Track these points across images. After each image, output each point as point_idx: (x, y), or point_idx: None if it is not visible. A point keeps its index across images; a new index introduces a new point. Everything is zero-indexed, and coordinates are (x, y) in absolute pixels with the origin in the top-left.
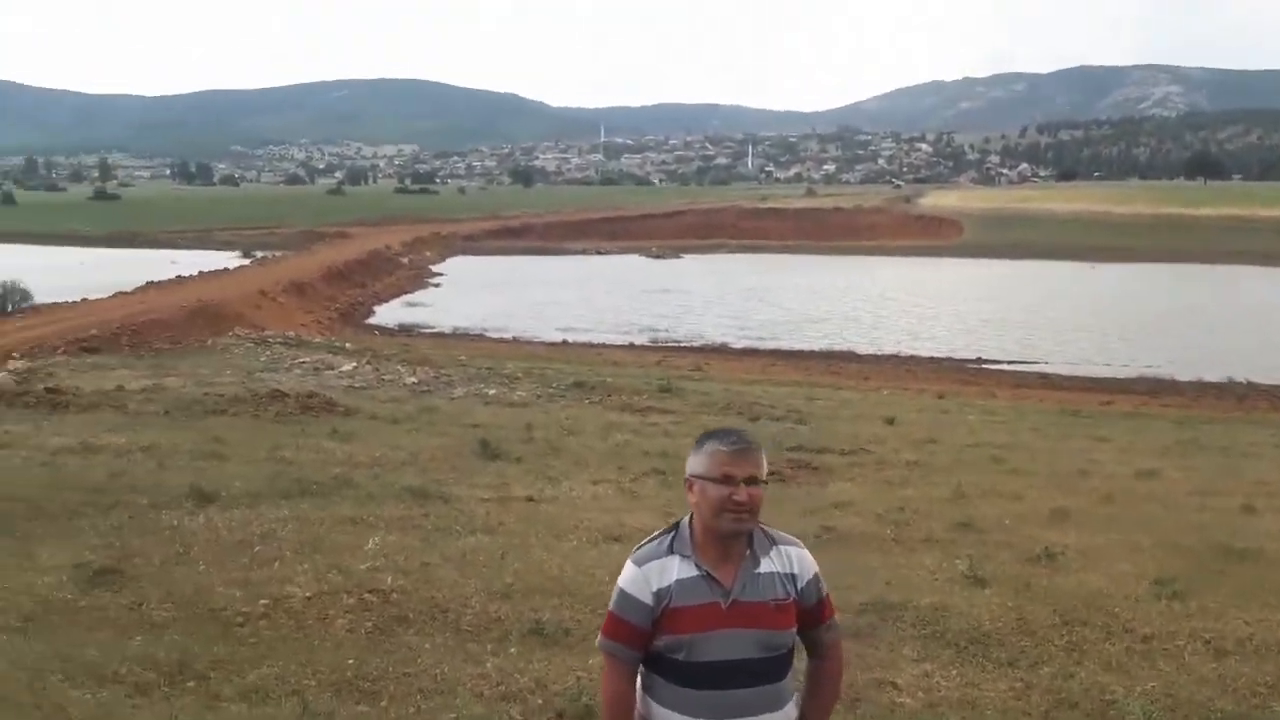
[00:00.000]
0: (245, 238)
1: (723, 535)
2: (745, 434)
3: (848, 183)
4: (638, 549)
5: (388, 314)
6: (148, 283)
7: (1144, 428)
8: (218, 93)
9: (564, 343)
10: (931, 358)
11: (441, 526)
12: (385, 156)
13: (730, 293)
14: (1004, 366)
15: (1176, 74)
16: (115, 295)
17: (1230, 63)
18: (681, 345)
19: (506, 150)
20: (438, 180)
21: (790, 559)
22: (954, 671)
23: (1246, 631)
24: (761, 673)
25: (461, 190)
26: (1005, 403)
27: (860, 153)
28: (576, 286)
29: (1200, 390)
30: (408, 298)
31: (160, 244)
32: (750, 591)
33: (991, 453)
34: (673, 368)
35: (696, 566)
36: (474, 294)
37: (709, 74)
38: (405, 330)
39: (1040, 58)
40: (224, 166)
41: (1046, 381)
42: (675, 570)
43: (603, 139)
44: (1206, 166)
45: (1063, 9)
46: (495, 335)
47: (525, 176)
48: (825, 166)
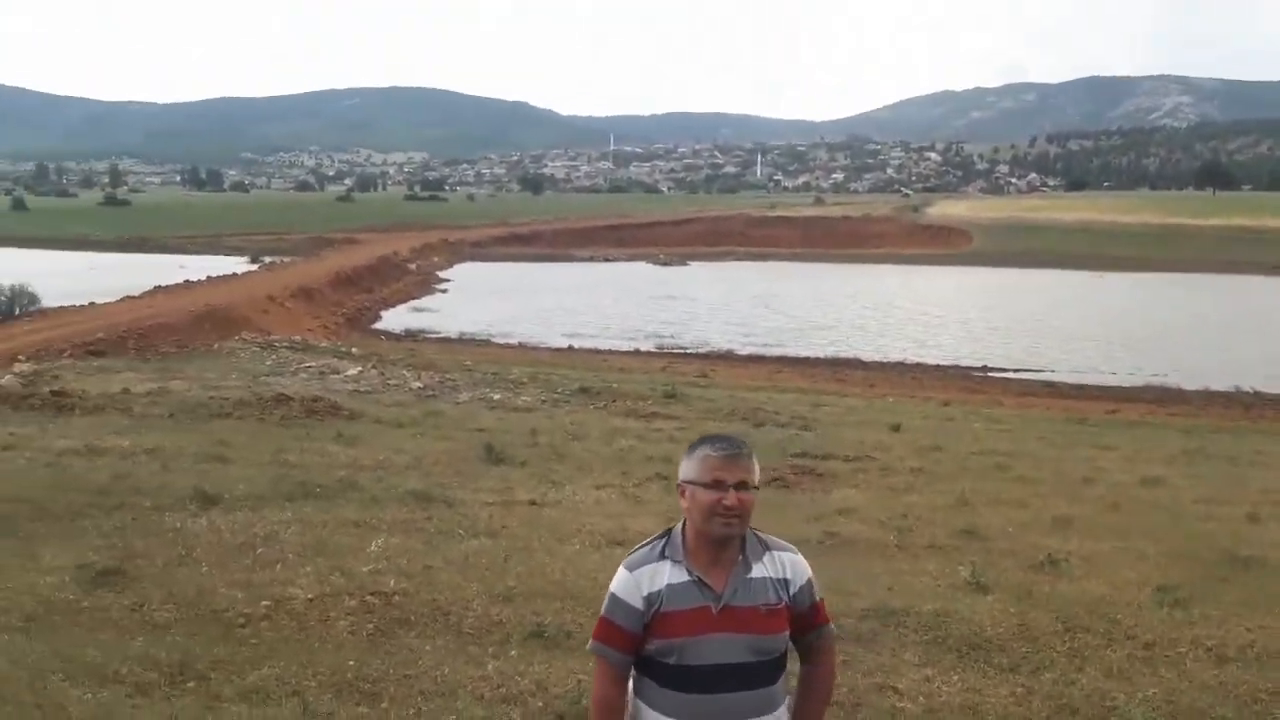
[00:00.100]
0: (254, 243)
1: (713, 540)
2: (736, 439)
3: (856, 192)
4: (630, 554)
5: (394, 319)
6: (155, 287)
7: (1150, 436)
8: (229, 100)
9: (570, 348)
10: (938, 365)
11: (444, 530)
12: (395, 164)
13: (737, 300)
14: (1010, 375)
15: (1188, 84)
16: (123, 299)
17: (1242, 73)
18: (687, 352)
19: (516, 158)
20: (447, 187)
21: (783, 564)
22: (955, 677)
23: (1248, 639)
24: (752, 677)
25: (470, 197)
26: (1011, 411)
27: (869, 162)
28: (583, 293)
29: (1207, 399)
30: (415, 303)
31: (169, 249)
32: (741, 596)
33: (996, 460)
34: (678, 374)
35: (688, 571)
36: (481, 300)
37: (718, 83)
38: (411, 335)
39: (1052, 68)
40: (234, 173)
41: (1053, 390)
42: (666, 575)
43: (612, 147)
44: (1216, 177)
45: (1075, 20)
46: (501, 341)
47: (534, 184)
48: (834, 175)
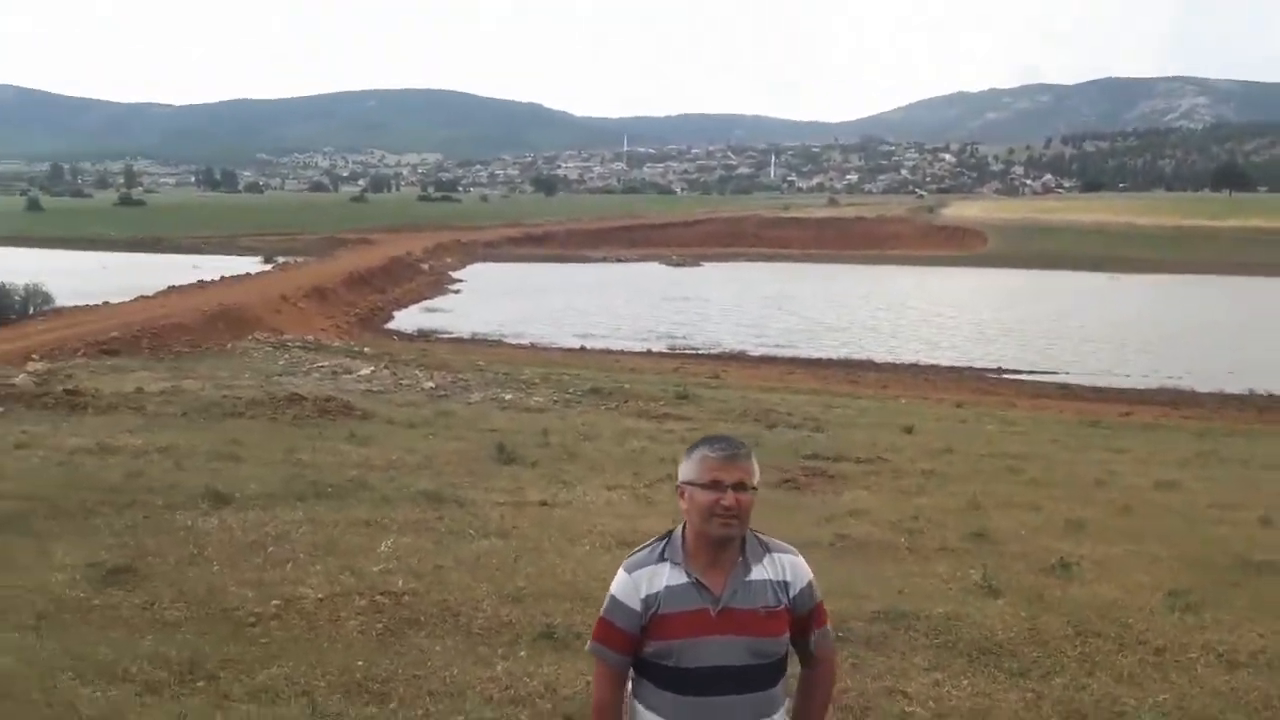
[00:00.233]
0: (268, 243)
1: (712, 541)
2: (735, 440)
3: (870, 193)
4: (630, 555)
5: (407, 319)
6: (169, 287)
7: (1164, 439)
8: (245, 102)
9: (582, 349)
10: (951, 367)
11: (455, 530)
12: (409, 165)
13: (749, 301)
14: (1024, 377)
15: (1204, 85)
16: (136, 299)
17: (1258, 75)
18: (699, 352)
19: (529, 159)
20: (461, 188)
21: (783, 566)
22: (965, 681)
23: (1260, 644)
24: (751, 680)
25: (484, 198)
26: (1024, 413)
27: (883, 163)
28: (596, 293)
29: (1221, 402)
30: (427, 303)
31: (184, 249)
32: (740, 598)
33: (1008, 463)
34: (690, 375)
35: (687, 573)
36: (493, 300)
37: (732, 84)
38: (424, 335)
39: (1067, 69)
40: (249, 174)
41: (1066, 392)
42: (665, 577)
43: (625, 148)
44: (1232, 178)
45: (1090, 21)
46: (513, 341)
47: (548, 185)
48: (848, 176)
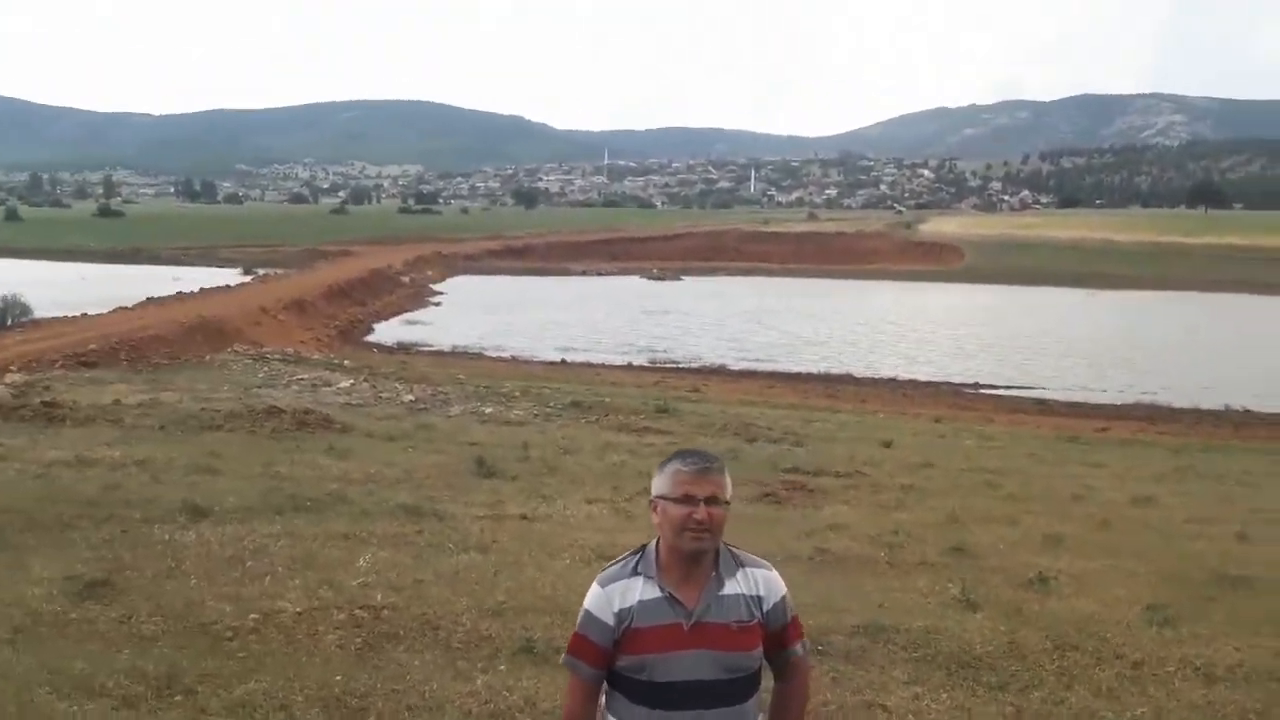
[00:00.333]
0: (248, 255)
1: (685, 555)
2: (707, 454)
3: (849, 208)
4: (604, 569)
5: (387, 332)
6: (148, 298)
7: (1140, 454)
8: (225, 112)
9: (562, 362)
10: (929, 382)
11: (434, 544)
12: (389, 177)
13: (730, 315)
14: (1001, 392)
15: (1180, 103)
16: (115, 310)
17: (1235, 92)
18: (679, 366)
19: (510, 171)
20: (441, 200)
21: (756, 581)
22: (944, 695)
23: (1237, 658)
24: (724, 694)
25: (465, 210)
26: (1002, 428)
27: (862, 178)
28: (576, 307)
29: (1197, 417)
30: (408, 316)
31: (163, 260)
32: (714, 613)
33: (987, 478)
34: (670, 389)
35: (660, 588)
36: (474, 313)
37: (713, 99)
38: (404, 348)
39: (1045, 85)
40: (229, 185)
41: (1044, 407)
42: (638, 591)
43: (606, 162)
44: (1208, 195)
45: (1069, 38)
46: (494, 354)
47: (528, 198)
48: (827, 191)
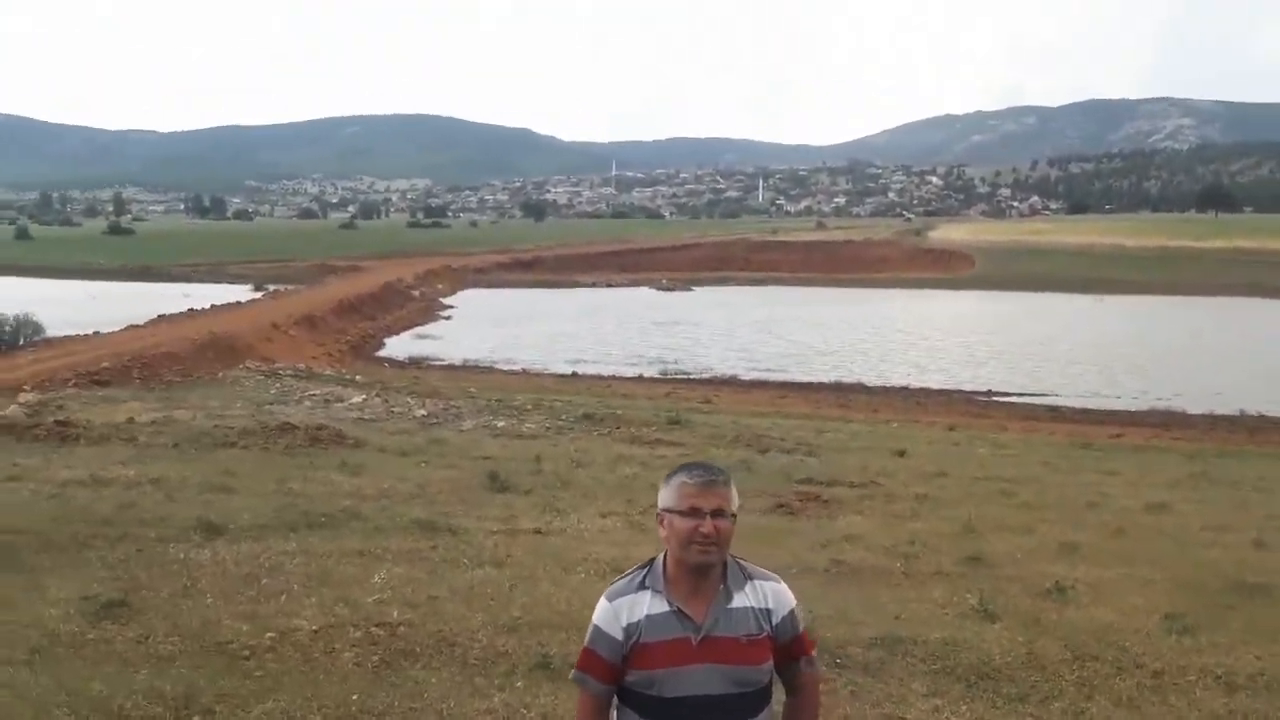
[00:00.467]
0: (258, 271)
1: (692, 568)
2: (714, 467)
3: (858, 216)
4: (612, 584)
5: (398, 346)
6: (159, 316)
7: (1155, 461)
8: (233, 129)
9: (573, 375)
10: (942, 390)
11: (449, 559)
12: (398, 191)
13: (740, 325)
14: (1014, 399)
15: (1188, 107)
16: (127, 328)
17: (1243, 95)
18: (690, 377)
19: (518, 184)
20: (450, 214)
21: (765, 594)
22: (964, 707)
23: (1258, 667)
24: (734, 709)
25: (473, 224)
26: (1016, 436)
27: (870, 186)
28: (586, 319)
29: (1211, 423)
30: (418, 330)
31: (173, 277)
32: (722, 627)
33: (1001, 486)
34: (682, 400)
35: (668, 602)
36: (484, 326)
37: (721, 109)
38: (415, 363)
39: (1052, 91)
40: (238, 201)
41: (1057, 414)
42: (646, 606)
43: (614, 173)
44: (1218, 199)
45: (1075, 43)
46: (505, 367)
47: (537, 210)
48: (835, 199)
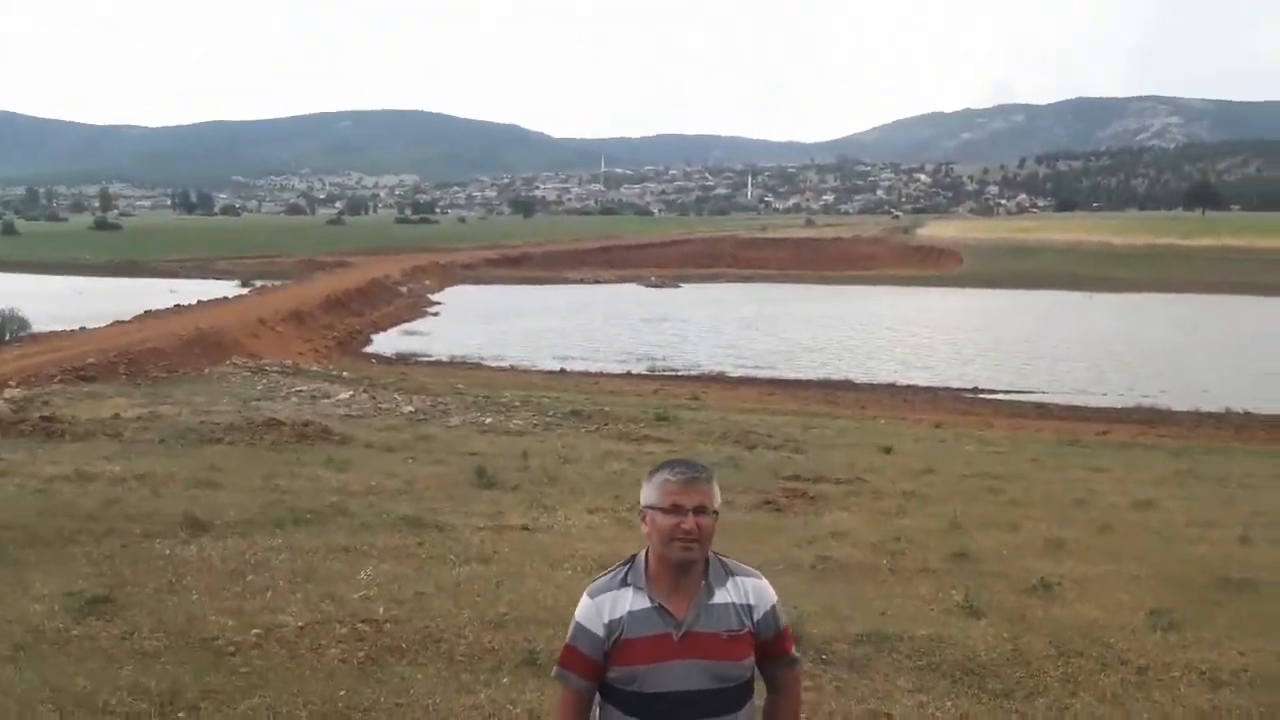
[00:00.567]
0: (245, 267)
1: (673, 565)
2: (696, 464)
3: (846, 213)
4: (594, 580)
5: (386, 342)
6: (146, 311)
7: (1141, 458)
8: (220, 124)
9: (561, 371)
10: (929, 387)
11: (436, 555)
12: (386, 187)
13: (728, 322)
14: (1001, 396)
15: (1176, 105)
16: (113, 324)
17: (1230, 94)
18: (679, 374)
19: (507, 180)
20: (438, 210)
21: (746, 590)
22: (949, 703)
23: (1242, 663)
24: (715, 705)
25: (462, 220)
26: (1002, 433)
27: (859, 183)
28: (574, 315)
29: (1197, 420)
30: (406, 326)
31: (160, 273)
32: (703, 623)
33: (988, 483)
34: (670, 396)
35: (649, 598)
36: (472, 323)
37: (709, 105)
38: (403, 359)
39: (1040, 89)
40: (225, 196)
41: (1043, 411)
42: (628, 602)
43: (603, 169)
44: (1205, 197)
45: (1063, 41)
46: (493, 364)
47: (525, 206)
48: (824, 197)
